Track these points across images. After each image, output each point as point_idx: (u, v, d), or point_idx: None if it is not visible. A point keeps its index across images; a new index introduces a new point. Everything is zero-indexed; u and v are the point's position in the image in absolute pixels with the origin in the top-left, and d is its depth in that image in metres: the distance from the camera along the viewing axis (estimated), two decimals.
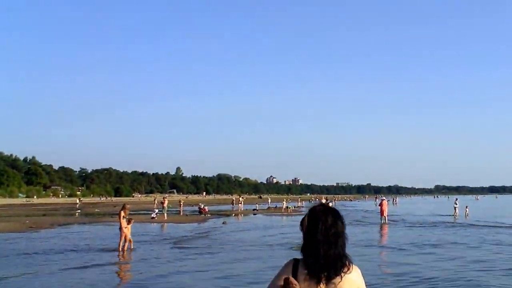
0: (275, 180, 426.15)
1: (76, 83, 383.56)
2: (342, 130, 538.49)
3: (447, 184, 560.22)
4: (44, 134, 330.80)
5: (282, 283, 2.94)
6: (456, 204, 50.03)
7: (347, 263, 3.00)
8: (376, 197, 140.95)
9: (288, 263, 3.10)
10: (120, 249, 20.17)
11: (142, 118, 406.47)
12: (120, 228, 20.45)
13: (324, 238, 2.99)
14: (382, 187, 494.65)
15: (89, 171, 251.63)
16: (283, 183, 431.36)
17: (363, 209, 71.55)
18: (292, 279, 2.93)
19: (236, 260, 18.05)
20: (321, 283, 2.95)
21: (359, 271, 3.06)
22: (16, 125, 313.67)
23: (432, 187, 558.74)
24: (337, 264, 2.96)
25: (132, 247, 20.80)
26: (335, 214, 3.12)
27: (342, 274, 2.95)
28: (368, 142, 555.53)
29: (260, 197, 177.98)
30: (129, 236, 20.60)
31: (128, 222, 20.74)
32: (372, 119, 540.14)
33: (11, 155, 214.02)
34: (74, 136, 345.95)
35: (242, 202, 70.18)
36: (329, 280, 2.94)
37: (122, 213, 20.64)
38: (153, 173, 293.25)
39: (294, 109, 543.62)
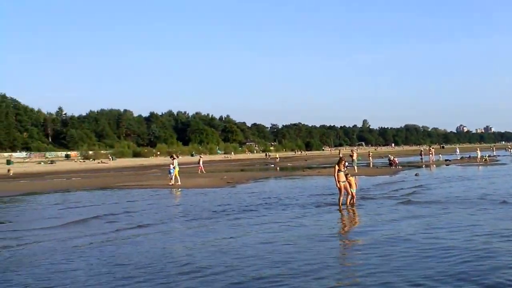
0: (465, 129, 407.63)
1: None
2: None
3: None
4: (235, 93, 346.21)
5: None
6: None
7: None
8: None
9: None
10: (341, 204, 19.28)
11: (327, 71, 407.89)
12: (338, 182, 19.27)
13: None
14: None
15: (280, 127, 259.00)
16: (474, 131, 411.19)
17: None
18: None
19: None
20: None
21: None
22: (211, 85, 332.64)
23: None
24: None
25: (353, 201, 19.66)
26: None
27: None
28: None
29: (443, 147, 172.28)
30: (350, 190, 19.46)
31: (346, 176, 19.44)
32: None
33: (208, 114, 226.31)
34: (264, 94, 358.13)
35: (433, 153, 67.89)
36: None
37: (337, 167, 19.37)
38: (340, 126, 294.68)
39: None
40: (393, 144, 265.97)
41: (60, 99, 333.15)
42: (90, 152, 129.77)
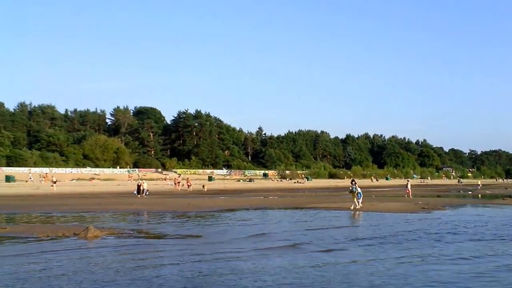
0: None
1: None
2: None
3: None
4: (432, 117, 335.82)
5: None
6: None
7: None
8: None
9: None
10: None
11: None
12: None
13: None
14: None
15: (478, 153, 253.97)
16: None
17: None
18: None
19: None
20: None
21: None
22: (407, 110, 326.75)
23: None
24: None
25: None
26: None
27: None
28: None
29: None
30: None
31: None
32: None
33: (404, 138, 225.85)
34: (461, 117, 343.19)
35: None
36: None
37: None
38: None
39: None
40: None
41: (259, 119, 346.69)
42: (287, 172, 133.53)
